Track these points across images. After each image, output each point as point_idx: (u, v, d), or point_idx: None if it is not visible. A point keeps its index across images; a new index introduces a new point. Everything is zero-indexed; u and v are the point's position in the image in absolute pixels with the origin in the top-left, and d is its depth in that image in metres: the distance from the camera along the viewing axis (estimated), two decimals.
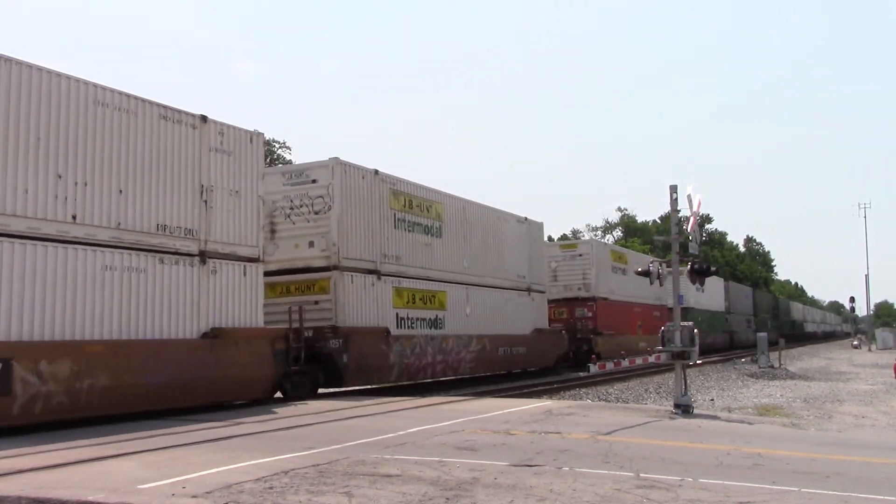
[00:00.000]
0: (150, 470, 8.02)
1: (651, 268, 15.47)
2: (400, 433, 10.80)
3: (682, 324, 14.42)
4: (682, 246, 15.65)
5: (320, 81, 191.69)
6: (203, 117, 14.82)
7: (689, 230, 15.48)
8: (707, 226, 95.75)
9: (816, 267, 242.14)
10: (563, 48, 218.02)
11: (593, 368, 26.19)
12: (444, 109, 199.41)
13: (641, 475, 7.78)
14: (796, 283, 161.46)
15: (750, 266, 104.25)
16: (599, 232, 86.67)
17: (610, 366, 26.83)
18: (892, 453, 10.76)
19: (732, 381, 26.87)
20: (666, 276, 15.55)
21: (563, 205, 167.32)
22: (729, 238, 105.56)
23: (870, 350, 61.64)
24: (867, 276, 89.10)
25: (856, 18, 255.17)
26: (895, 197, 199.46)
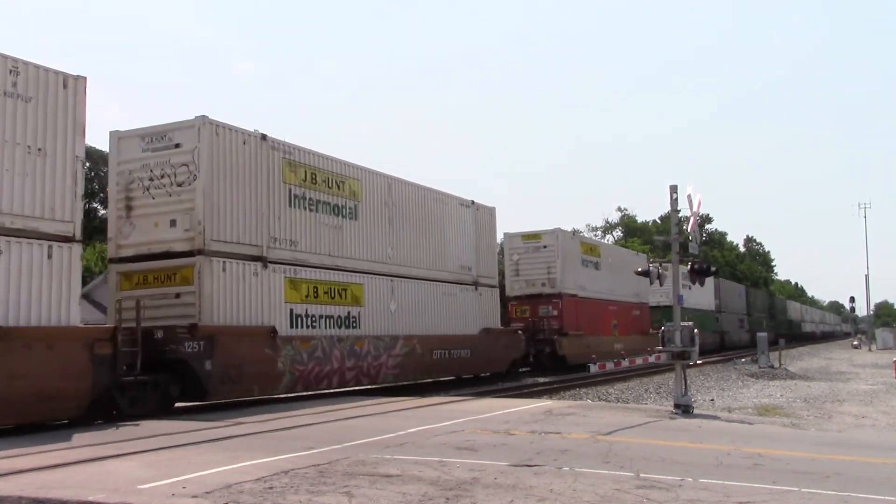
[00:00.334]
0: (150, 470, 8.02)
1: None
2: (400, 433, 10.81)
3: (682, 324, 14.44)
4: (682, 246, 15.67)
5: (320, 81, 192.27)
6: None
7: (689, 230, 15.51)
8: (707, 226, 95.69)
9: (816, 267, 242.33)
10: (563, 48, 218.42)
11: (593, 368, 26.19)
12: (444, 109, 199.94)
13: (641, 475, 7.78)
14: (796, 283, 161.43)
15: (750, 266, 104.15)
16: (599, 232, 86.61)
17: (610, 366, 26.83)
18: (892, 453, 10.77)
19: (732, 382, 26.88)
20: (666, 275, 15.58)
21: (563, 205, 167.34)
22: (729, 238, 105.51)
23: (870, 350, 61.63)
24: (867, 276, 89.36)
25: (856, 18, 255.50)
26: (895, 197, 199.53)
